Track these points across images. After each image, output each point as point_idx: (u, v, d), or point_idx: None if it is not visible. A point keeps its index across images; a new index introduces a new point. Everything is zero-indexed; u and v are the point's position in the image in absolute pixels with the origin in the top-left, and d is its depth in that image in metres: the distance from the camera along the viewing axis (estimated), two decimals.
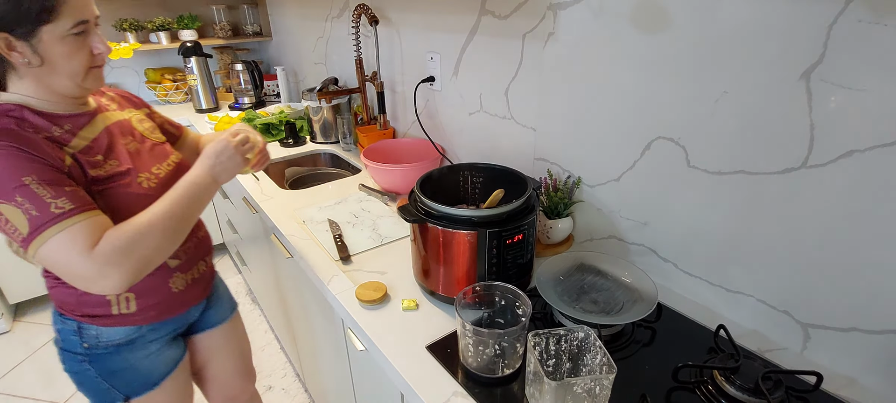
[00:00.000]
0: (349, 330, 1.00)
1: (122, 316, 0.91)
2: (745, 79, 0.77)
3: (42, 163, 0.72)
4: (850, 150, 0.68)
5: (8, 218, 0.69)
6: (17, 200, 0.69)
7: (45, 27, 0.71)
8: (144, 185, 0.87)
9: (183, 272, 0.98)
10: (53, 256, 0.71)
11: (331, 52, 2.18)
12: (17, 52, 0.72)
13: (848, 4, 0.63)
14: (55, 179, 0.72)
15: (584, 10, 0.98)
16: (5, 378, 2.02)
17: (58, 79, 0.77)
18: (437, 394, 0.74)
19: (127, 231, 0.75)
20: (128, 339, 0.94)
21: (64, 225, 0.70)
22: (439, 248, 0.88)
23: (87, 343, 0.91)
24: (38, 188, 0.70)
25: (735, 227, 0.85)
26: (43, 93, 0.78)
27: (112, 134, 0.88)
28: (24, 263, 2.27)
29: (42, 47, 0.73)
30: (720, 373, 0.73)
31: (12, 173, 0.69)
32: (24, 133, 0.73)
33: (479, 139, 1.42)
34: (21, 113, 0.76)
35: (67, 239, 0.70)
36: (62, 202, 0.71)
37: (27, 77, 0.76)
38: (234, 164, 0.92)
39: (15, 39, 0.71)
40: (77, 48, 0.76)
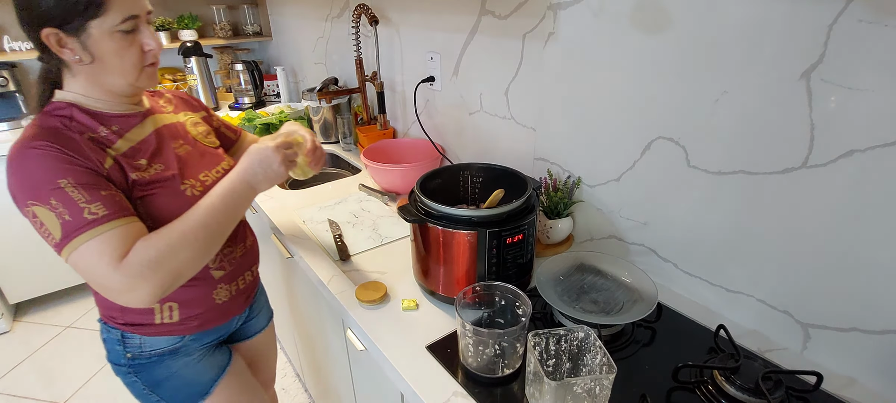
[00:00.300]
0: (349, 329, 1.00)
1: (164, 325, 0.89)
2: (745, 79, 0.77)
3: (79, 166, 0.70)
4: (851, 150, 0.68)
5: (42, 221, 0.67)
6: (51, 203, 0.67)
7: (94, 22, 0.69)
8: (188, 193, 0.83)
9: (227, 283, 0.95)
10: (83, 264, 0.69)
11: (331, 52, 2.18)
12: (68, 49, 0.71)
13: (848, 4, 0.63)
14: (92, 182, 0.70)
15: (584, 10, 0.98)
16: (5, 378, 2.02)
17: (110, 77, 0.75)
18: (437, 394, 0.74)
19: (158, 243, 0.72)
20: (171, 348, 0.92)
21: (96, 232, 0.68)
22: (439, 248, 0.88)
23: (130, 353, 0.89)
24: (73, 191, 0.68)
25: (735, 227, 0.85)
26: (96, 91, 0.77)
27: (162, 136, 0.85)
28: (24, 263, 2.27)
29: (91, 43, 0.71)
30: (720, 373, 0.73)
31: (48, 175, 0.67)
32: (67, 133, 0.71)
33: (479, 139, 1.42)
34: (70, 112, 0.74)
35: (97, 248, 0.68)
36: (96, 207, 0.69)
37: (80, 75, 0.75)
38: (273, 171, 0.85)
39: (65, 35, 0.69)
40: (127, 45, 0.73)
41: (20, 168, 0.68)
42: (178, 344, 0.92)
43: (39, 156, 0.68)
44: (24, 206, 0.68)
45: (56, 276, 2.40)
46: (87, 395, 1.92)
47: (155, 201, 0.79)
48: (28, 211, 0.68)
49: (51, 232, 0.67)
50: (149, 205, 0.78)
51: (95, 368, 2.05)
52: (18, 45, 2.36)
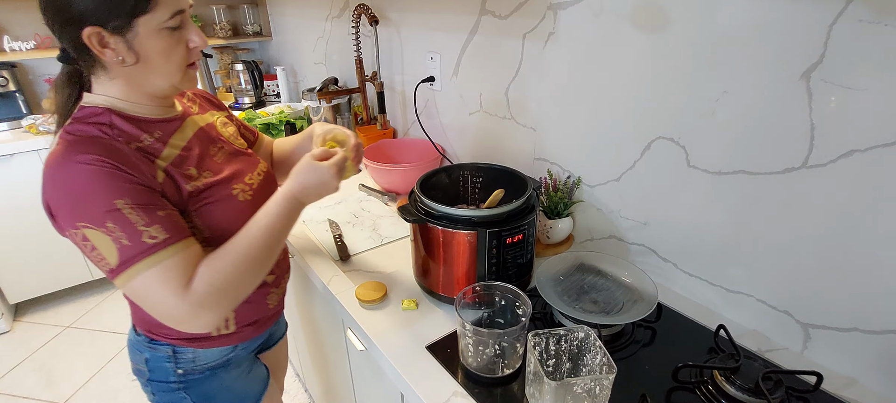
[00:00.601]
0: (349, 329, 1.00)
1: (221, 337, 0.86)
2: (746, 79, 0.77)
3: (135, 183, 0.64)
4: (851, 150, 0.68)
5: (95, 245, 0.61)
6: (108, 226, 0.61)
7: (142, 19, 0.63)
8: (241, 198, 0.79)
9: (276, 287, 0.94)
10: (143, 291, 0.64)
11: (331, 52, 2.18)
12: (110, 49, 0.64)
13: (848, 4, 0.63)
14: (149, 201, 0.65)
15: (584, 10, 0.98)
16: (5, 378, 2.02)
17: (152, 79, 0.70)
18: (437, 394, 0.74)
19: (223, 267, 0.68)
20: (224, 360, 0.89)
21: (157, 258, 0.63)
22: (439, 248, 0.88)
23: (182, 369, 0.84)
24: (131, 212, 0.62)
25: (735, 227, 0.85)
26: (134, 94, 0.71)
27: (202, 140, 0.80)
28: (24, 263, 2.27)
29: (138, 42, 0.65)
30: (720, 373, 0.73)
31: (103, 194, 0.61)
32: (116, 144, 0.65)
33: (479, 139, 1.42)
34: (109, 118, 0.68)
35: (160, 276, 0.63)
36: (155, 230, 0.63)
37: (119, 77, 0.68)
38: (328, 187, 0.80)
39: (109, 34, 0.63)
40: (174, 42, 0.68)
41: (67, 184, 0.61)
42: (231, 355, 0.89)
43: (92, 173, 0.61)
44: (71, 228, 0.62)
45: (56, 276, 2.40)
46: (87, 395, 1.92)
47: (212, 211, 0.75)
48: (76, 233, 0.62)
49: (105, 256, 0.62)
50: (206, 216, 0.74)
51: (95, 368, 2.05)
52: (18, 45, 2.36)
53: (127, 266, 0.62)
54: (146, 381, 0.86)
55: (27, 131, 2.21)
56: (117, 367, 2.06)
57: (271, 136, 2.04)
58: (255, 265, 0.72)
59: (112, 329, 2.29)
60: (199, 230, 0.73)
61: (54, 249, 2.31)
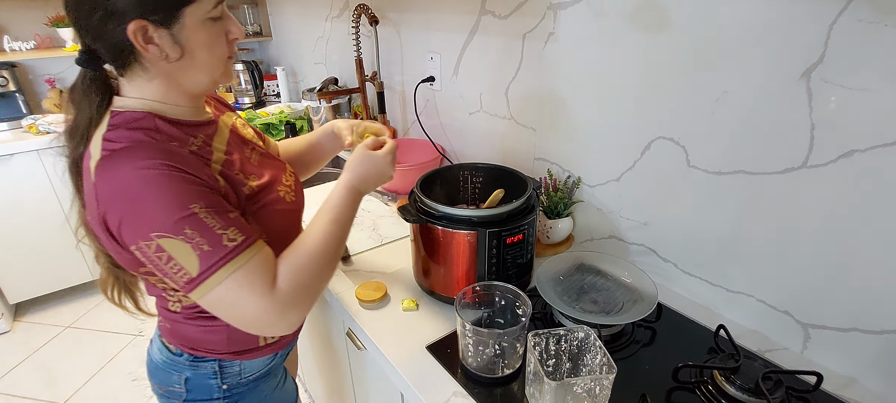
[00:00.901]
0: (349, 329, 1.00)
1: (267, 346, 0.83)
2: (746, 79, 0.77)
3: (202, 185, 0.60)
4: (851, 150, 0.68)
5: (172, 256, 0.57)
6: (186, 233, 0.56)
7: (189, 9, 0.59)
8: (286, 198, 0.77)
9: None
10: (228, 299, 0.59)
11: (331, 52, 2.18)
12: (154, 45, 0.60)
13: (848, 4, 0.63)
14: (219, 205, 0.61)
15: (584, 10, 0.98)
16: (5, 378, 2.02)
17: (194, 74, 0.65)
18: (437, 394, 0.74)
19: (304, 264, 0.65)
20: (266, 369, 0.86)
21: (240, 261, 0.59)
22: (439, 248, 0.88)
23: (227, 384, 0.81)
24: (207, 216, 0.58)
25: (735, 227, 0.85)
26: (172, 95, 0.66)
27: (236, 143, 0.76)
28: (24, 263, 2.27)
29: (184, 35, 0.60)
30: (720, 373, 0.73)
31: (177, 199, 0.57)
32: (172, 148, 0.61)
33: (479, 139, 1.42)
34: (153, 123, 0.63)
35: (245, 279, 0.59)
36: (233, 233, 0.60)
37: (159, 77, 0.64)
38: (385, 176, 0.80)
39: (153, 28, 0.58)
40: (217, 34, 0.64)
41: (131, 194, 0.56)
42: (271, 364, 0.87)
43: (160, 178, 0.57)
44: (142, 239, 0.57)
45: (56, 276, 2.40)
46: (87, 395, 1.92)
47: (266, 214, 0.72)
48: (148, 245, 0.57)
49: (184, 266, 0.57)
50: (261, 220, 0.71)
51: (95, 368, 2.05)
52: (18, 45, 2.36)
53: (210, 273, 0.58)
54: (182, 402, 0.81)
55: (27, 131, 2.21)
56: (117, 367, 2.06)
57: (271, 136, 2.04)
58: (329, 259, 0.70)
59: (112, 329, 2.29)
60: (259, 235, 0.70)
61: (54, 249, 2.31)
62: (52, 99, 2.48)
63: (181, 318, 0.76)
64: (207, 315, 0.74)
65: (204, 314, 0.74)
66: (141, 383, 1.97)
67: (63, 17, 2.46)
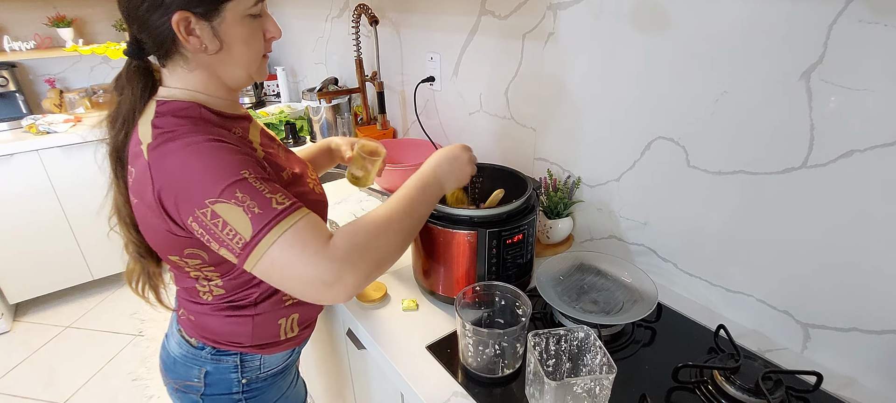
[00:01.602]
0: (349, 329, 1.00)
1: (286, 341, 0.83)
2: (745, 79, 0.77)
3: (252, 158, 0.64)
4: (850, 150, 0.68)
5: (226, 220, 0.58)
6: (238, 196, 0.59)
7: (230, 4, 0.63)
8: (316, 190, 0.79)
9: None
10: (283, 260, 0.59)
11: (331, 52, 2.18)
12: (195, 37, 0.63)
13: (848, 4, 0.63)
14: (267, 176, 0.64)
15: (584, 10, 0.98)
16: (5, 378, 2.02)
17: (231, 69, 0.68)
18: (437, 394, 0.74)
19: (365, 225, 0.65)
20: (284, 364, 0.87)
21: (290, 221, 0.60)
22: (439, 248, 0.88)
23: (246, 378, 0.81)
24: (256, 182, 0.61)
25: (735, 227, 0.85)
26: (213, 87, 0.69)
27: (267, 138, 0.79)
28: (24, 263, 2.27)
29: (224, 29, 0.64)
30: (720, 373, 0.73)
31: (228, 166, 0.60)
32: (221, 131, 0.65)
33: (479, 139, 1.42)
34: (199, 111, 0.66)
35: (298, 237, 0.59)
36: (282, 197, 0.61)
37: (199, 68, 0.67)
38: (463, 172, 0.81)
39: (196, 20, 0.62)
40: (255, 30, 0.67)
41: (186, 166, 0.60)
42: (289, 359, 0.88)
43: (212, 149, 0.61)
44: (199, 208, 0.59)
45: (56, 276, 2.40)
46: (87, 395, 1.92)
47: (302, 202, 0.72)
48: (204, 212, 0.59)
49: (238, 230, 0.59)
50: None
51: (95, 368, 2.05)
52: (18, 45, 2.36)
53: (263, 234, 0.59)
54: (199, 396, 0.81)
55: (27, 131, 2.21)
56: (117, 367, 2.06)
57: None
58: (397, 230, 0.69)
59: (112, 329, 2.29)
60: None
61: (54, 249, 2.31)
62: (52, 99, 2.48)
63: (209, 310, 0.77)
64: (236, 305, 0.76)
65: (233, 304, 0.76)
66: (141, 383, 1.97)
67: (63, 17, 2.46)
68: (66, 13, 2.48)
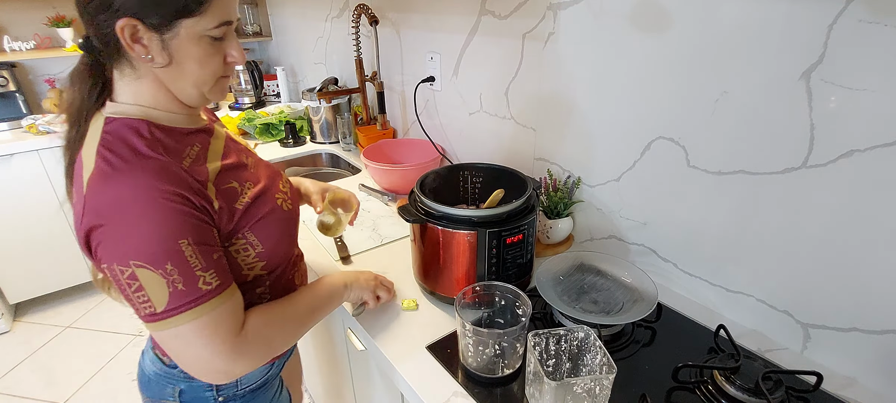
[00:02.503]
0: (349, 329, 1.00)
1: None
2: (746, 79, 0.77)
3: (199, 219, 0.60)
4: (850, 150, 0.68)
5: (143, 285, 0.56)
6: (166, 268, 0.56)
7: (187, 21, 0.59)
8: (285, 207, 0.76)
9: None
10: (190, 337, 0.59)
11: (331, 52, 2.18)
12: (141, 46, 0.59)
13: (848, 4, 0.63)
14: (208, 240, 0.61)
15: (584, 10, 0.98)
16: (5, 378, 2.02)
17: (182, 85, 0.64)
18: (437, 394, 0.74)
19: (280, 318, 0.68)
20: (263, 380, 0.85)
21: (210, 306, 0.59)
22: (439, 248, 0.88)
23: (223, 395, 0.80)
24: (192, 255, 0.58)
25: (735, 227, 0.85)
26: (165, 100, 0.65)
27: (231, 149, 0.74)
28: (24, 263, 2.27)
29: (175, 44, 0.60)
30: (720, 373, 0.73)
31: (168, 232, 0.56)
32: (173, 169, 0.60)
33: (479, 139, 1.42)
34: (150, 130, 0.62)
35: (213, 326, 0.59)
36: (211, 276, 0.59)
37: (147, 78, 0.63)
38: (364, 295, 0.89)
39: (145, 30, 0.58)
40: (212, 53, 0.63)
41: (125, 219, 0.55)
42: (268, 374, 0.86)
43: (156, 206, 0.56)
44: (119, 263, 0.56)
45: (56, 276, 2.40)
46: (87, 395, 1.92)
47: (264, 226, 0.71)
48: (123, 270, 0.56)
49: (152, 299, 0.56)
50: (260, 231, 0.70)
51: (95, 368, 2.05)
52: (18, 45, 2.36)
53: (178, 312, 0.57)
54: None
55: (27, 131, 2.21)
56: (117, 367, 2.06)
57: (271, 136, 2.04)
58: (298, 327, 0.74)
59: (112, 329, 2.29)
60: (254, 246, 0.70)
61: (54, 249, 2.31)
62: (52, 99, 2.48)
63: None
64: None
65: None
66: None
67: (63, 17, 2.46)
68: (66, 13, 2.48)
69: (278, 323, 0.69)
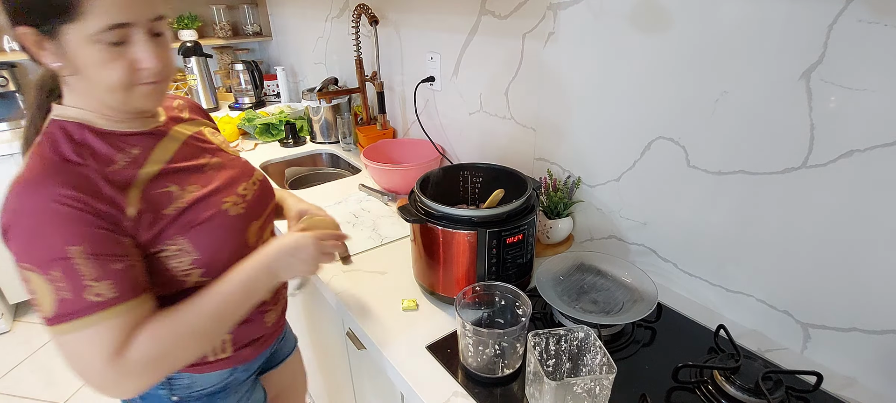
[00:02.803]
0: (349, 329, 1.00)
1: (218, 361, 0.80)
2: (746, 79, 0.77)
3: (99, 227, 0.58)
4: (850, 150, 0.68)
5: (34, 290, 0.57)
6: (52, 274, 0.55)
7: (69, 27, 0.56)
8: (232, 212, 0.74)
9: (274, 304, 0.88)
10: (70, 349, 0.58)
11: (331, 52, 2.18)
12: (46, 52, 0.59)
13: (848, 4, 0.63)
14: (107, 251, 0.59)
15: (584, 10, 0.98)
16: (5, 378, 2.02)
17: (98, 93, 0.62)
18: (437, 394, 0.74)
19: (165, 335, 0.62)
20: (222, 384, 0.83)
21: (95, 319, 0.57)
22: (439, 248, 0.88)
23: (177, 396, 0.79)
24: (83, 263, 0.56)
25: (735, 227, 0.85)
26: (97, 105, 0.64)
27: (189, 151, 0.74)
28: None
29: (70, 50, 0.58)
30: (720, 373, 0.73)
31: (57, 238, 0.56)
32: (88, 174, 0.60)
33: (479, 139, 1.42)
34: (82, 135, 0.62)
35: (93, 338, 0.57)
36: (104, 287, 0.58)
37: (75, 85, 0.63)
38: (307, 266, 0.76)
39: (42, 37, 0.57)
40: (111, 58, 0.59)
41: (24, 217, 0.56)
42: (230, 378, 0.84)
43: (52, 213, 0.56)
44: (19, 264, 0.57)
45: None
46: (87, 395, 1.92)
47: (202, 232, 0.69)
48: (21, 271, 0.57)
49: (41, 304, 0.57)
50: (196, 238, 0.68)
51: None
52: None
53: (61, 321, 0.57)
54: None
55: None
56: None
57: (271, 136, 2.04)
58: (201, 336, 0.66)
59: None
60: (188, 252, 0.68)
61: None
62: None
63: None
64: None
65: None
66: None
67: None
68: None
69: (170, 337, 0.62)
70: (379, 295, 0.98)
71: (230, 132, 2.02)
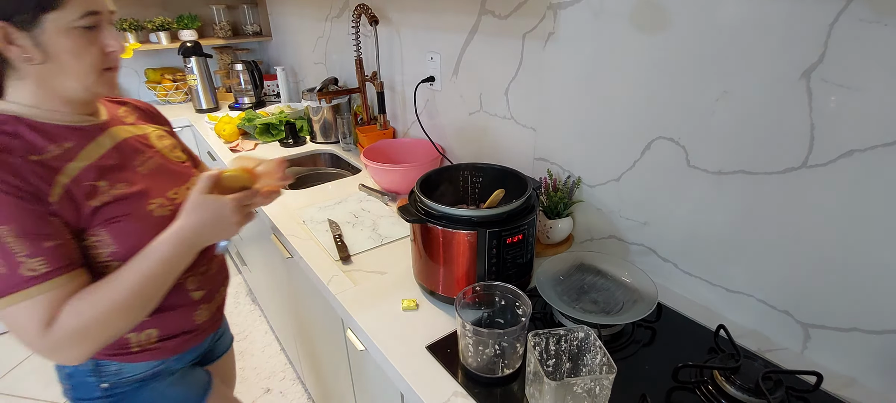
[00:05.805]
0: (349, 329, 1.00)
1: (144, 352, 0.82)
2: (746, 79, 0.77)
3: (24, 208, 0.62)
4: (851, 150, 0.68)
5: None
6: None
7: (49, 15, 0.62)
8: (157, 213, 0.76)
9: (207, 303, 0.90)
10: (10, 322, 0.64)
11: (331, 52, 2.18)
12: (16, 46, 0.63)
13: (849, 4, 0.63)
14: (36, 230, 0.63)
15: (584, 10, 0.98)
16: (5, 378, 2.02)
17: (64, 81, 0.68)
18: (437, 394, 0.74)
19: (86, 310, 0.66)
20: (152, 372, 0.86)
21: (30, 293, 0.62)
22: (439, 248, 0.88)
23: (107, 383, 0.82)
24: (14, 241, 0.61)
25: (735, 227, 0.85)
26: (46, 98, 0.69)
27: (124, 151, 0.78)
28: None
29: (45, 40, 0.63)
30: (720, 373, 0.73)
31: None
32: (9, 159, 0.63)
33: (479, 139, 1.42)
34: (15, 127, 0.66)
35: (27, 311, 0.63)
36: (37, 263, 0.62)
37: (29, 77, 0.67)
38: (227, 231, 0.77)
39: (15, 30, 0.62)
40: (86, 43, 0.66)
41: None
42: (160, 367, 0.87)
43: None
44: None
45: None
46: None
47: (121, 228, 0.72)
48: None
49: None
50: (115, 232, 0.71)
51: None
52: None
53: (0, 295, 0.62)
54: (71, 399, 0.85)
55: None
56: None
57: (271, 136, 2.04)
58: (125, 311, 0.69)
59: None
60: (107, 244, 0.71)
61: None
62: None
63: None
64: None
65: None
66: None
67: None
68: None
69: (89, 311, 0.66)
70: (379, 295, 0.98)
71: (230, 132, 2.02)
